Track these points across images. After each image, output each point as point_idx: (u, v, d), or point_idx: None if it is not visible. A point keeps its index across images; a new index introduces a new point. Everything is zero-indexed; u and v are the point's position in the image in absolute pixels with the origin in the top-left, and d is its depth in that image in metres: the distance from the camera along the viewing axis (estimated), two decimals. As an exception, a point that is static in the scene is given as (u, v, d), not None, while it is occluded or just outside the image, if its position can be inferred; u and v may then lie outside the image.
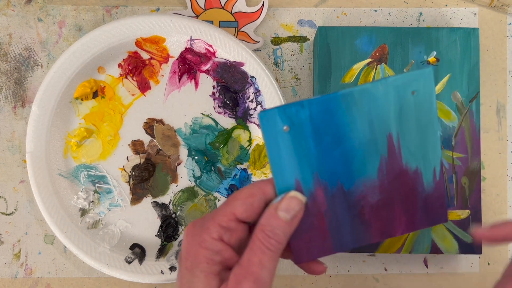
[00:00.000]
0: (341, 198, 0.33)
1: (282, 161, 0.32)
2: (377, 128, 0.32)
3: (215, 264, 0.31)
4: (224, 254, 0.32)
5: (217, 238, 0.32)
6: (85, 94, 0.49)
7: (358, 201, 0.34)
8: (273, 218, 0.32)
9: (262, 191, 0.33)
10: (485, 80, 0.52)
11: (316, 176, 0.33)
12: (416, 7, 0.52)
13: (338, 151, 0.32)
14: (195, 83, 0.50)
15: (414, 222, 0.35)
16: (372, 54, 0.47)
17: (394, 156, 0.33)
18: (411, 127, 0.33)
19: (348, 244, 0.34)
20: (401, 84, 0.32)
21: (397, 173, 0.34)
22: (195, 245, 0.32)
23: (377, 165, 0.33)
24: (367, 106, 0.32)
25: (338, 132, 0.32)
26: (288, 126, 0.32)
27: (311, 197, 0.33)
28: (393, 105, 0.32)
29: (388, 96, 0.32)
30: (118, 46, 0.48)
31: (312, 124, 0.32)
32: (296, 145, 0.32)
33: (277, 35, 0.52)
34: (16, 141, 0.51)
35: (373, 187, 0.34)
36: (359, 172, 0.33)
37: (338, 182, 0.33)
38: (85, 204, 0.49)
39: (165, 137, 0.50)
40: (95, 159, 0.50)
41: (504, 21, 0.52)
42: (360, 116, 0.32)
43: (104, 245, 0.48)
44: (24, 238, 0.50)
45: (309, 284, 0.51)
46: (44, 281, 0.50)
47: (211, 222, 0.32)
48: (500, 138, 0.51)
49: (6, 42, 0.51)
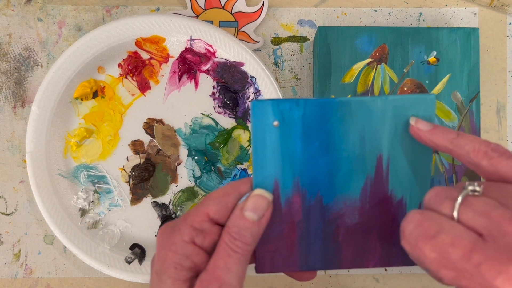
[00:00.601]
0: (318, 212, 0.32)
1: (265, 157, 0.31)
2: (369, 145, 0.31)
3: (184, 270, 0.29)
4: (195, 258, 0.30)
5: (188, 240, 0.30)
6: (85, 94, 0.49)
7: (335, 219, 0.32)
8: (238, 218, 0.30)
9: (237, 190, 0.31)
10: (485, 80, 0.52)
11: (297, 181, 0.31)
12: (416, 7, 0.52)
13: (324, 160, 0.31)
14: (195, 83, 0.50)
15: (389, 257, 0.33)
16: (372, 54, 0.47)
17: (381, 180, 0.32)
18: (403, 153, 0.31)
19: (315, 264, 0.33)
20: (401, 105, 0.31)
21: (381, 198, 0.32)
22: (165, 248, 0.30)
23: (362, 185, 0.32)
24: (362, 120, 0.31)
25: (328, 140, 0.31)
26: (278, 122, 0.30)
27: (287, 203, 0.31)
28: (389, 125, 0.31)
29: (385, 114, 0.31)
30: (118, 46, 0.48)
31: (304, 125, 0.31)
32: (283, 144, 0.31)
33: (277, 35, 0.52)
34: (16, 141, 0.51)
35: (353, 207, 0.32)
36: (341, 187, 0.32)
37: (318, 194, 0.32)
38: (85, 204, 0.49)
39: (165, 137, 0.50)
40: (95, 159, 0.50)
41: (504, 21, 0.52)
42: (353, 129, 0.31)
43: (104, 245, 0.48)
44: (24, 238, 0.50)
45: (309, 284, 0.51)
46: (44, 281, 0.50)
47: (183, 223, 0.30)
48: (500, 138, 0.51)
49: (6, 42, 0.51)
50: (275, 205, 0.31)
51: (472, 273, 0.23)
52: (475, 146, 0.28)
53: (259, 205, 0.30)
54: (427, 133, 0.29)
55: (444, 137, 0.29)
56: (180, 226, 0.30)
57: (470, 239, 0.24)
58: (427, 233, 0.25)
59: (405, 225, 0.26)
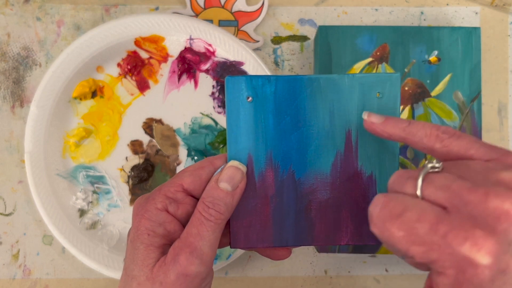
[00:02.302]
0: (290, 186, 0.33)
1: (239, 131, 0.32)
2: (338, 121, 0.33)
3: (157, 236, 0.30)
4: (168, 226, 0.31)
5: (161, 208, 0.31)
6: (84, 94, 0.49)
7: (307, 194, 0.33)
8: (213, 189, 0.31)
9: (212, 164, 0.32)
10: (487, 79, 0.51)
11: (270, 155, 0.33)
12: (418, 6, 0.52)
13: (296, 135, 0.33)
14: (195, 83, 0.50)
15: (361, 234, 0.34)
16: (373, 53, 0.47)
17: (350, 156, 0.33)
18: None
19: (289, 240, 0.34)
20: (367, 82, 0.32)
21: (351, 174, 0.33)
22: (138, 215, 0.31)
23: (332, 160, 0.33)
24: (331, 96, 0.32)
25: (299, 115, 0.32)
26: (251, 97, 0.32)
27: (260, 177, 0.33)
28: (356, 101, 0.32)
29: (353, 91, 0.32)
30: (117, 45, 0.48)
31: (275, 100, 0.32)
32: (256, 118, 0.32)
33: (277, 34, 0.51)
34: (15, 141, 0.51)
35: (325, 183, 0.33)
36: (313, 162, 0.33)
37: (290, 168, 0.33)
38: (83, 205, 0.49)
39: (164, 137, 0.50)
40: (94, 159, 0.49)
41: (505, 20, 0.52)
42: (322, 105, 0.32)
43: (102, 245, 0.48)
44: (22, 239, 0.50)
45: (309, 285, 0.50)
46: (43, 282, 0.50)
47: (157, 193, 0.31)
48: (502, 138, 0.51)
49: (4, 42, 0.51)
50: (249, 178, 0.33)
51: (440, 244, 0.24)
52: (426, 131, 0.29)
53: (234, 176, 0.31)
54: (380, 125, 0.30)
55: (396, 127, 0.30)
56: (154, 195, 0.31)
57: (434, 213, 0.24)
58: (393, 213, 0.25)
59: (372, 209, 0.27)
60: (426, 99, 0.47)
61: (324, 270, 0.50)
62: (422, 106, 0.47)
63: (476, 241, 0.23)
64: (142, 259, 0.30)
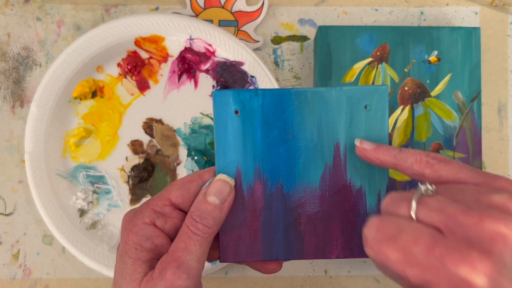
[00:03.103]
0: (279, 200, 0.33)
1: (227, 144, 0.32)
2: (326, 134, 0.33)
3: (144, 251, 0.30)
4: (156, 240, 0.31)
5: (149, 222, 0.31)
6: (84, 94, 0.49)
7: (296, 207, 0.33)
8: (201, 203, 0.31)
9: (201, 178, 0.32)
10: (487, 79, 0.51)
11: (258, 168, 0.33)
12: (417, 6, 0.52)
13: (284, 148, 0.33)
14: (195, 83, 0.50)
15: (351, 247, 0.33)
16: (373, 53, 0.47)
17: (339, 169, 0.33)
18: None
19: (279, 254, 0.33)
20: (355, 95, 0.32)
21: (340, 187, 0.33)
22: (126, 230, 0.31)
23: (321, 173, 0.33)
24: (318, 109, 0.32)
25: (286, 128, 0.33)
26: (239, 111, 0.32)
27: (249, 190, 0.33)
28: (344, 114, 0.32)
29: (340, 104, 0.32)
30: (117, 45, 0.48)
31: (263, 114, 0.32)
32: (244, 132, 0.32)
33: (277, 34, 0.52)
34: (15, 141, 0.51)
35: (314, 196, 0.33)
36: (301, 175, 0.33)
37: (278, 181, 0.33)
38: (84, 205, 0.49)
39: (164, 137, 0.50)
40: (94, 159, 0.50)
41: (505, 20, 0.52)
42: (310, 118, 0.32)
43: (103, 245, 0.48)
44: (22, 239, 0.50)
45: (309, 285, 0.50)
46: (43, 282, 0.50)
47: (145, 207, 0.31)
48: (502, 138, 0.51)
49: (5, 42, 0.51)
50: (238, 191, 0.33)
51: (436, 266, 0.24)
52: (416, 158, 0.29)
53: (222, 189, 0.31)
54: (373, 151, 0.31)
55: (388, 154, 0.31)
56: (142, 209, 0.31)
57: (430, 235, 0.24)
58: (388, 235, 0.25)
59: (366, 232, 0.27)
60: (426, 99, 0.47)
61: (324, 270, 0.50)
62: (422, 106, 0.47)
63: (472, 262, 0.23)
64: (130, 274, 0.30)
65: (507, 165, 0.51)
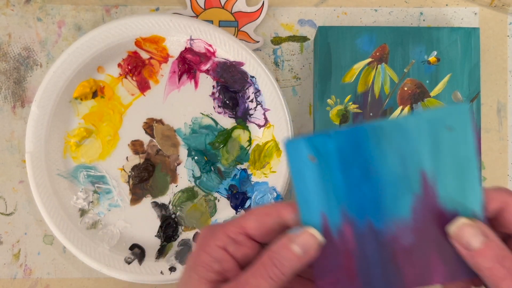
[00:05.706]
0: (371, 238, 0.31)
1: (308, 192, 0.31)
2: (410, 164, 0.30)
3: (212, 272, 0.30)
4: (225, 264, 0.31)
5: (221, 246, 0.31)
6: (85, 94, 0.49)
7: (390, 242, 0.32)
8: (284, 248, 0.30)
9: (278, 213, 0.31)
10: (486, 80, 0.51)
11: (344, 211, 0.31)
12: (417, 6, 0.52)
13: (367, 185, 0.31)
14: (195, 83, 0.50)
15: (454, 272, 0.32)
16: (372, 53, 0.47)
17: (429, 195, 0.31)
18: (447, 165, 0.31)
19: None
20: (435, 119, 0.30)
21: (433, 214, 0.31)
22: (200, 247, 0.31)
23: (410, 204, 0.31)
24: (398, 140, 0.30)
25: (367, 165, 0.31)
26: (314, 157, 0.30)
27: (339, 234, 0.31)
28: (426, 140, 0.30)
29: (421, 130, 0.30)
30: (118, 45, 0.48)
31: (340, 155, 0.30)
32: (323, 177, 0.31)
33: (277, 35, 0.52)
34: (15, 141, 0.51)
35: (406, 228, 0.31)
36: (390, 210, 0.31)
37: (367, 220, 0.31)
38: (84, 204, 0.49)
39: (164, 137, 0.50)
40: (95, 159, 0.50)
41: (504, 20, 0.52)
42: (390, 150, 0.30)
43: (103, 245, 0.48)
44: (23, 239, 0.50)
45: (309, 284, 0.50)
46: (44, 282, 0.50)
47: (220, 229, 0.31)
48: (501, 138, 0.51)
49: (5, 42, 0.51)
50: (327, 238, 0.31)
51: None
52: None
53: (309, 244, 0.30)
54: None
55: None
56: (217, 231, 0.31)
57: None
58: None
59: None
60: (425, 99, 0.47)
61: None
62: (422, 106, 0.47)
63: None
64: None
65: (506, 165, 0.51)
